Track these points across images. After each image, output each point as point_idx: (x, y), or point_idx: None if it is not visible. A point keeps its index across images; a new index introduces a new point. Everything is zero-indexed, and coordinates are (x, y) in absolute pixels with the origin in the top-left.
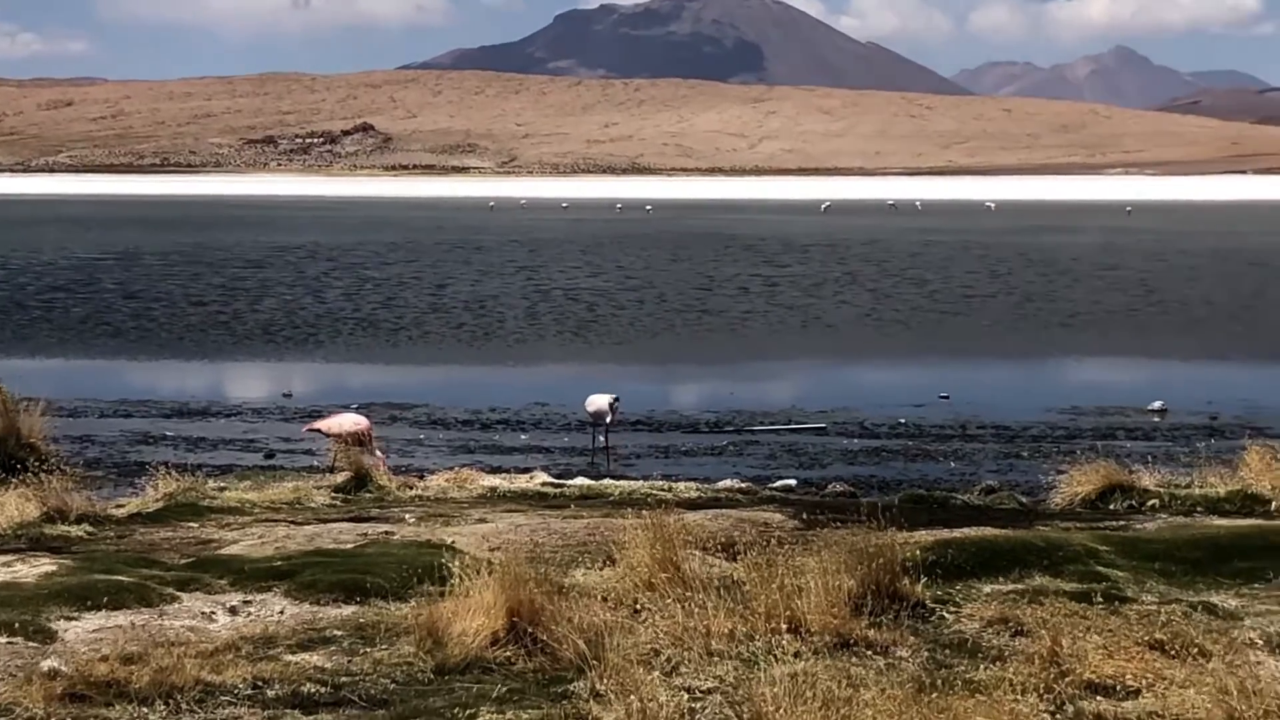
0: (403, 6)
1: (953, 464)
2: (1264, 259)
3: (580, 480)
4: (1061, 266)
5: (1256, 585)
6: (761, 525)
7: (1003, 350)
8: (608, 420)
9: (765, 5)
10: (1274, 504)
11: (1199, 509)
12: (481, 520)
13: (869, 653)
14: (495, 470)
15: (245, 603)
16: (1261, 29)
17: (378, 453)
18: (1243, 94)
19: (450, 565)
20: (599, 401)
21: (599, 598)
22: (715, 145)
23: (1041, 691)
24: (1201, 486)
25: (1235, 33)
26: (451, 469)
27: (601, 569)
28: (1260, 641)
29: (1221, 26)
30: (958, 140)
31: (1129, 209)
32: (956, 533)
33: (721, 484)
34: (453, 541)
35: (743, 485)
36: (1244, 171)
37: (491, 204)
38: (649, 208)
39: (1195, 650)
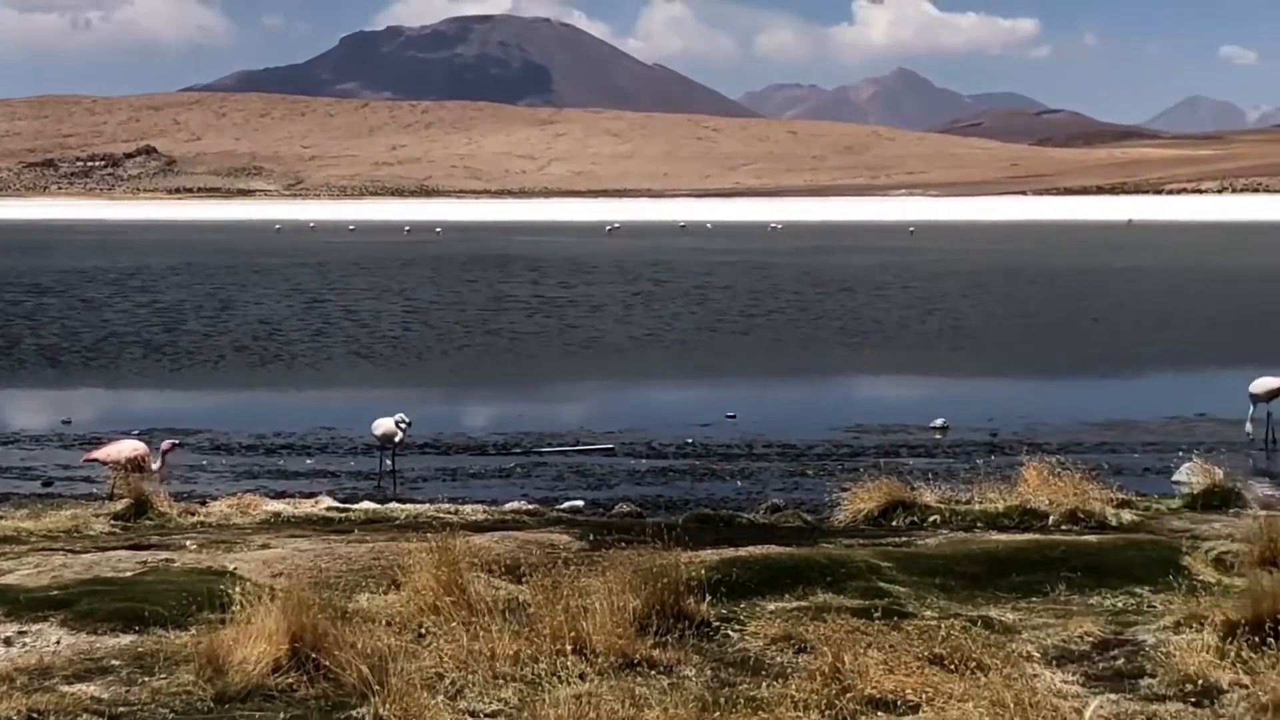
0: (184, 28)
1: (739, 483)
2: (1043, 277)
3: (366, 504)
4: (846, 286)
5: (1034, 599)
6: (548, 547)
7: (789, 369)
8: (396, 442)
9: (552, 27)
10: (1051, 519)
11: (979, 524)
12: (265, 546)
13: (653, 672)
14: (280, 495)
15: (20, 633)
16: (1039, 52)
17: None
18: (1022, 116)
19: (231, 592)
20: (386, 424)
21: (383, 622)
22: (504, 167)
23: (823, 708)
24: (981, 502)
25: (1014, 55)
26: (235, 495)
27: (386, 593)
28: (1037, 654)
29: (1001, 49)
30: (744, 162)
31: (912, 229)
32: (742, 551)
33: (509, 506)
34: (235, 568)
35: (530, 507)
36: (1023, 192)
37: (278, 226)
38: (438, 230)
39: (974, 664)
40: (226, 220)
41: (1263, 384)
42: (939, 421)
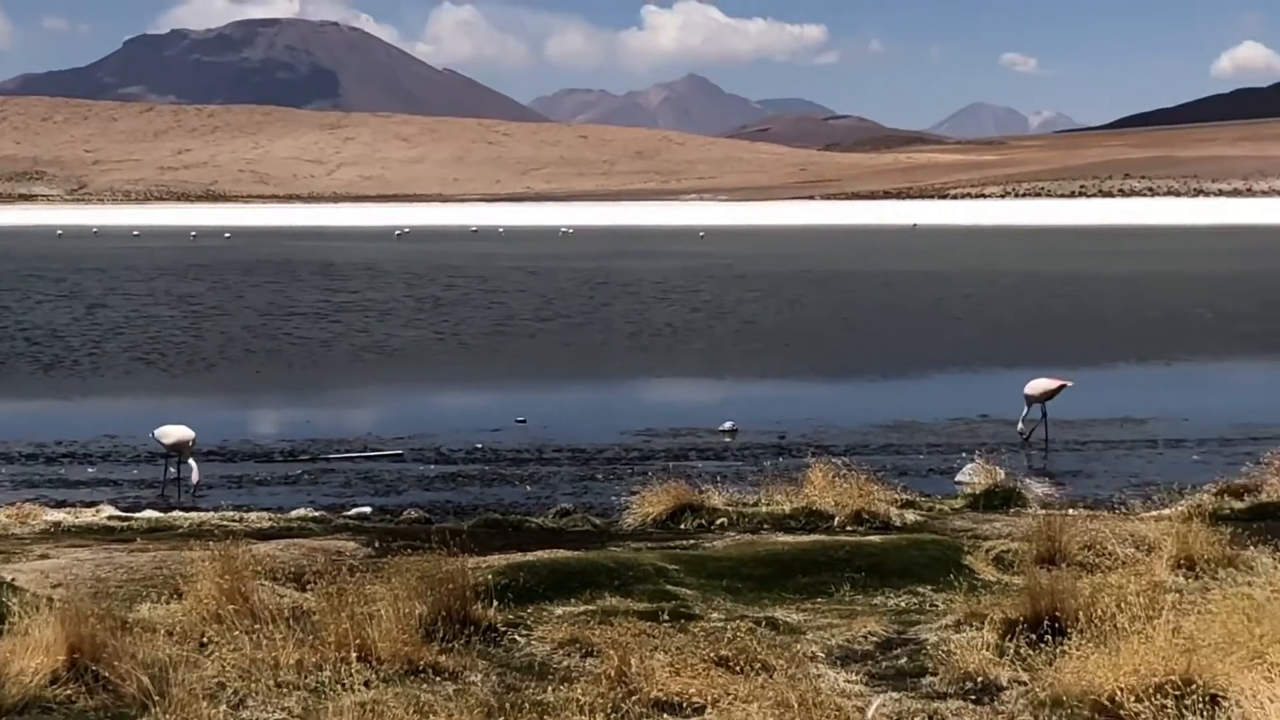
0: None
1: (529, 487)
2: (831, 281)
3: (149, 513)
4: (636, 290)
5: (819, 600)
6: (334, 554)
7: (579, 374)
8: (184, 451)
9: (340, 31)
10: (836, 520)
11: (766, 526)
12: (44, 556)
13: (439, 679)
14: (60, 505)
15: None
16: (826, 58)
17: None
18: (810, 121)
19: (9, 603)
20: (174, 432)
21: (165, 632)
22: (292, 172)
23: (609, 711)
24: (768, 504)
25: (802, 62)
26: (14, 504)
27: (168, 603)
28: (821, 654)
29: (788, 55)
30: (535, 166)
31: (702, 234)
32: (530, 556)
33: (295, 513)
34: (12, 579)
35: (316, 514)
36: (812, 196)
37: (59, 232)
38: (227, 235)
39: (759, 665)
40: (5, 226)
41: (1037, 385)
42: (728, 425)
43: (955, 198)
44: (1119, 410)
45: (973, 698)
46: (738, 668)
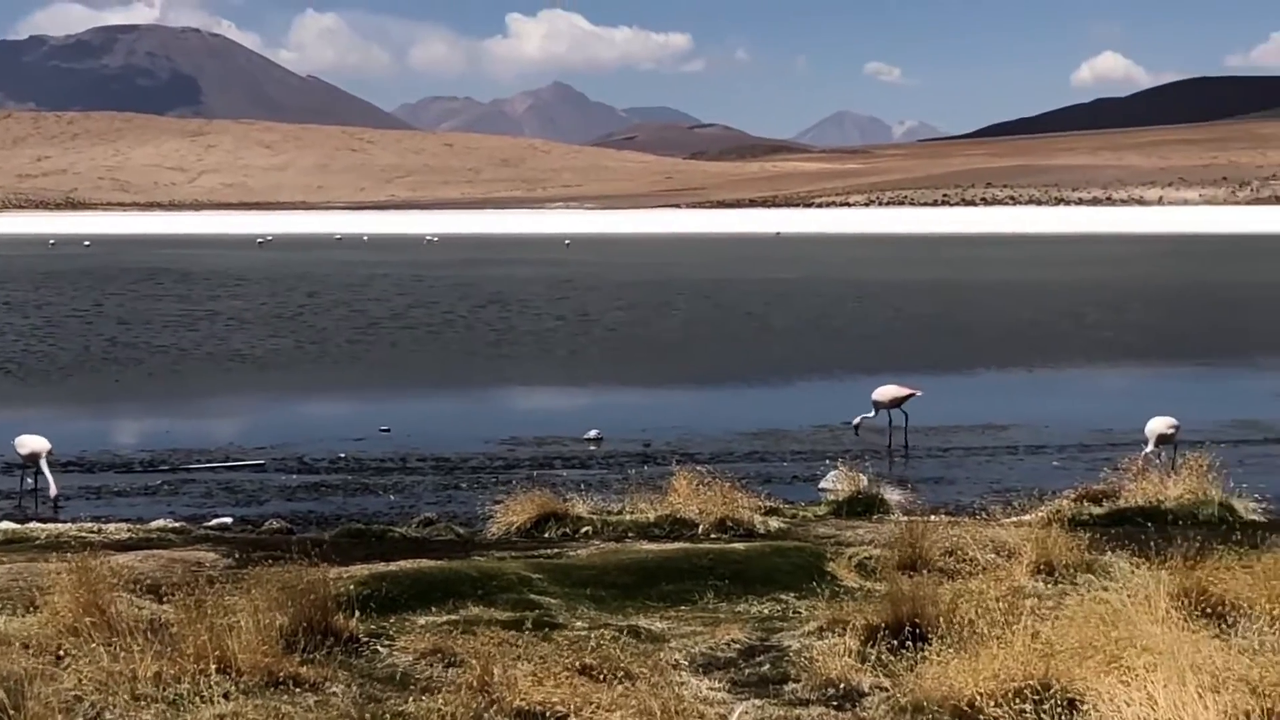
0: None
1: (393, 497)
2: (695, 290)
3: (6, 525)
4: (501, 298)
5: (683, 607)
6: (194, 565)
7: (443, 382)
8: (38, 461)
9: (201, 37)
10: (700, 527)
11: (630, 534)
12: None
13: (300, 690)
14: None
15: None
16: (691, 67)
17: None
18: (675, 130)
19: None
20: (30, 442)
21: (20, 645)
22: (154, 179)
23: None
24: (633, 512)
25: (668, 70)
26: None
27: (24, 615)
28: (684, 662)
29: (654, 64)
30: (400, 174)
31: (568, 242)
32: (393, 566)
33: (154, 524)
34: None
35: (176, 525)
36: (678, 205)
37: None
38: (87, 243)
39: (622, 673)
40: None
41: (886, 392)
42: (593, 433)
43: (820, 206)
44: (981, 417)
45: (835, 704)
46: (601, 676)
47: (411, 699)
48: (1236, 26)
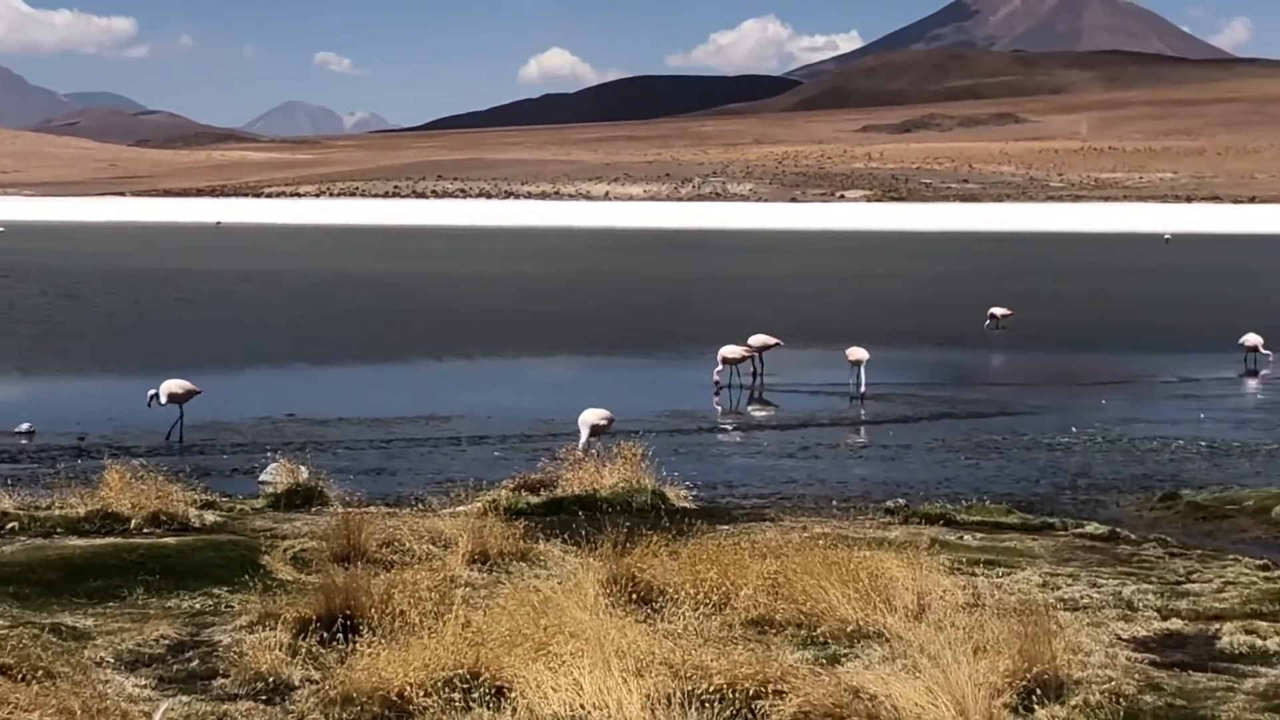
0: None
1: None
2: (137, 280)
3: None
4: None
5: (111, 604)
6: None
7: None
8: None
9: None
10: (134, 522)
11: (59, 530)
12: None
13: None
14: None
15: None
16: (136, 52)
17: None
18: (120, 116)
19: None
20: None
21: None
22: None
23: None
24: (62, 508)
25: (110, 55)
26: None
27: None
28: (111, 659)
29: (96, 48)
30: None
31: (1, 229)
32: None
33: None
34: None
35: None
36: (122, 193)
37: None
38: None
39: (42, 672)
40: None
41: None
42: (24, 426)
43: (270, 196)
44: (425, 408)
45: (264, 698)
46: (19, 676)
47: None
48: (679, 28)
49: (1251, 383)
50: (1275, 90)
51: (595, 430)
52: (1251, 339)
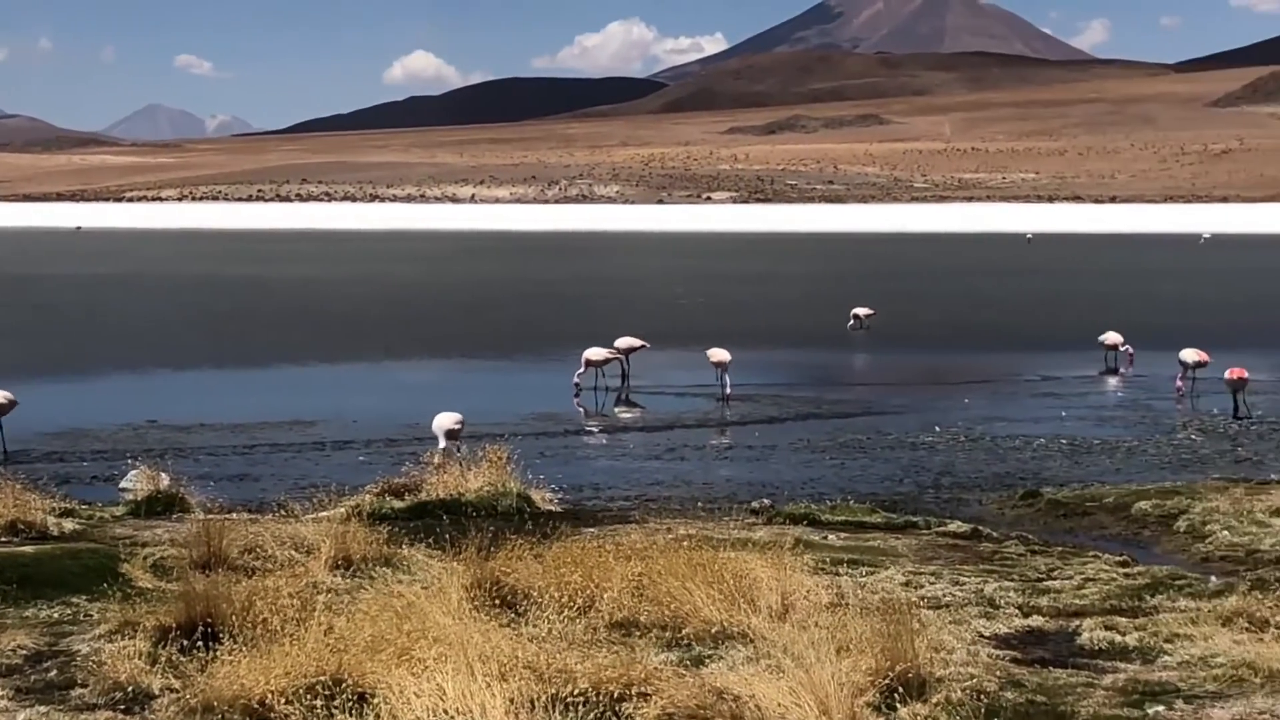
0: None
1: None
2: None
3: None
4: None
5: None
6: None
7: None
8: None
9: None
10: None
11: None
12: None
13: None
14: None
15: None
16: None
17: None
18: None
19: None
20: None
21: None
22: None
23: None
24: None
25: None
26: None
27: None
28: None
29: None
30: None
31: None
32: None
33: None
34: None
35: None
36: None
37: None
38: None
39: None
40: None
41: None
42: None
43: (131, 200)
44: (288, 413)
45: (123, 708)
46: None
47: None
48: (543, 30)
49: (1112, 380)
50: (1134, 91)
51: (450, 435)
52: (1111, 337)
